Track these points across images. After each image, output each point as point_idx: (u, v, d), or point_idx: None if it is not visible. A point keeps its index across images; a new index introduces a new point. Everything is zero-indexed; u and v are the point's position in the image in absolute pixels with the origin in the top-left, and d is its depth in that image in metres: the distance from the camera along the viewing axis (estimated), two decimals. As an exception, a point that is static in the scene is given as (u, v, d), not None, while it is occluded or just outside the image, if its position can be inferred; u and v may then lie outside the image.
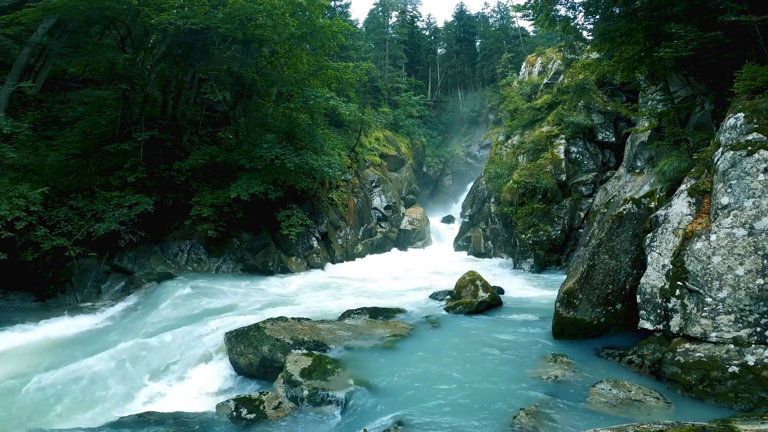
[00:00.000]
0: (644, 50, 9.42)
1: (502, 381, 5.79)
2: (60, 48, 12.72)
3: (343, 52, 27.36)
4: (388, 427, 4.68)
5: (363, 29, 40.55)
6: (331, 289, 12.82)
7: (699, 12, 8.16)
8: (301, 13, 15.67)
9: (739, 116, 6.31)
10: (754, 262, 5.40)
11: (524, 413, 4.80)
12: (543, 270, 15.79)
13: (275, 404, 5.53)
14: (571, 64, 20.45)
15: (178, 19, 12.73)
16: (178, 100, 16.08)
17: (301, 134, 16.42)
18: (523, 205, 17.10)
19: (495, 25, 47.17)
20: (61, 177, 12.36)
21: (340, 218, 19.36)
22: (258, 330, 7.26)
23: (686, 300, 5.92)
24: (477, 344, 7.26)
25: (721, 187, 6.02)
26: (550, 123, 18.78)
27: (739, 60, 7.48)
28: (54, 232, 11.22)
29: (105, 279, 12.50)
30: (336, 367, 6.19)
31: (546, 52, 24.66)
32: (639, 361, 6.08)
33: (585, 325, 7.15)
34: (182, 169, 14.02)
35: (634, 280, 7.13)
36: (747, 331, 5.31)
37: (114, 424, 5.28)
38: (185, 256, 14.06)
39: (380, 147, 27.24)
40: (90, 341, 8.56)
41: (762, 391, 4.88)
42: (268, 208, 15.15)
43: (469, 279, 10.35)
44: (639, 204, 7.73)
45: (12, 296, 11.28)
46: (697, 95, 9.74)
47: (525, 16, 12.61)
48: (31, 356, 7.63)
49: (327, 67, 17.61)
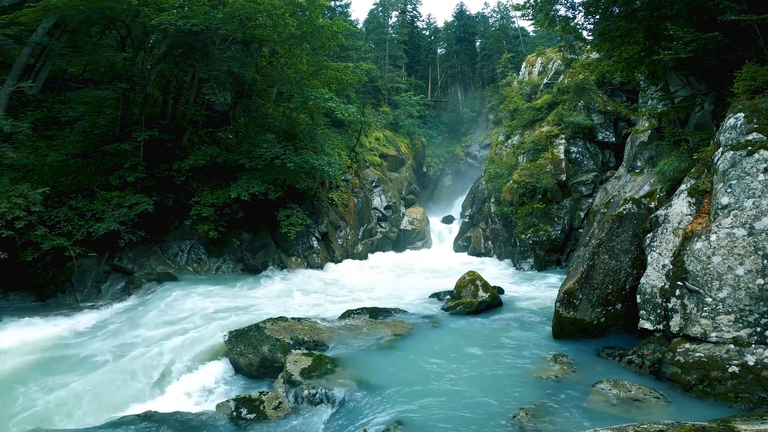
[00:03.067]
0: (644, 50, 9.41)
1: (502, 381, 5.80)
2: (60, 48, 12.72)
3: (343, 52, 27.36)
4: (388, 427, 4.68)
5: (363, 29, 40.51)
6: (331, 289, 12.82)
7: (699, 12, 8.16)
8: (301, 13, 15.66)
9: (739, 116, 6.31)
10: (754, 262, 5.40)
11: (524, 413, 4.80)
12: (543, 270, 15.79)
13: (275, 404, 5.54)
14: (571, 64, 20.46)
15: (178, 20, 12.73)
16: (178, 100, 16.08)
17: (301, 134, 16.42)
18: (523, 205, 17.10)
19: (495, 25, 47.12)
20: (61, 177, 12.36)
21: (340, 218, 19.36)
22: (258, 330, 7.26)
23: (686, 300, 5.92)
24: (477, 344, 7.26)
25: (721, 187, 6.02)
26: (550, 123, 18.78)
27: (739, 60, 7.48)
28: (54, 232, 11.22)
29: (105, 279, 12.50)
30: (336, 366, 6.19)
31: (546, 52, 24.65)
32: (639, 361, 6.08)
33: (585, 325, 7.15)
34: (182, 169, 14.02)
35: (634, 280, 7.13)
36: (747, 331, 5.31)
37: (114, 424, 5.28)
38: (185, 256, 14.07)
39: (380, 147, 27.21)
40: (90, 341, 8.57)
41: (762, 391, 4.89)
42: (268, 208, 15.15)
43: (469, 279, 10.35)
44: (639, 204, 7.73)
45: (12, 296, 11.28)
46: (697, 95, 9.74)
47: (525, 15, 12.61)
48: (30, 356, 7.62)
49: (327, 67, 17.61)
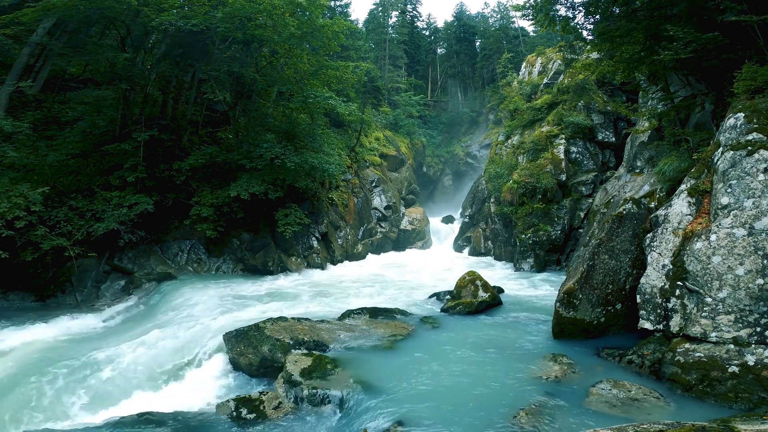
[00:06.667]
0: (644, 50, 9.39)
1: (502, 381, 5.79)
2: (60, 48, 12.73)
3: (343, 52, 27.34)
4: (388, 427, 4.68)
5: (363, 29, 40.53)
6: (330, 289, 12.81)
7: (699, 12, 8.16)
8: (301, 13, 15.66)
9: (739, 116, 6.30)
10: (754, 262, 5.40)
11: (524, 413, 4.80)
12: (543, 270, 15.78)
13: (275, 404, 5.53)
14: (571, 64, 20.42)
15: (178, 20, 12.73)
16: (178, 100, 16.08)
17: (301, 134, 16.42)
18: (523, 205, 17.09)
19: (495, 25, 47.15)
20: (61, 177, 12.36)
21: (340, 218, 19.35)
22: (258, 330, 7.26)
23: (686, 300, 5.92)
24: (477, 344, 7.26)
25: (721, 187, 6.02)
26: (550, 123, 18.77)
27: (739, 60, 7.47)
28: (54, 232, 11.23)
29: (105, 279, 12.50)
30: (336, 367, 6.19)
31: (546, 52, 24.64)
32: (639, 361, 6.08)
33: (585, 325, 7.15)
34: (182, 169, 14.02)
35: (634, 280, 7.13)
36: (747, 331, 5.31)
37: (114, 424, 5.28)
38: (185, 256, 14.07)
39: (380, 147, 27.21)
40: (90, 341, 8.58)
41: (762, 391, 4.88)
42: (268, 208, 15.15)
43: (469, 279, 10.34)
44: (639, 204, 7.73)
45: (12, 296, 11.29)
46: (697, 95, 9.74)
47: (525, 15, 12.60)
48: (30, 356, 7.62)
49: (327, 66, 17.61)
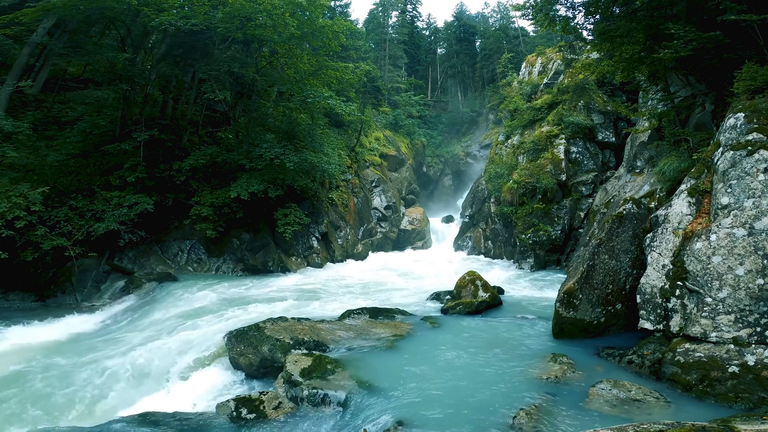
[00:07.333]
0: (644, 50, 9.40)
1: (502, 381, 5.79)
2: (60, 48, 12.73)
3: (343, 52, 27.34)
4: (388, 427, 4.68)
5: (363, 29, 40.53)
6: (330, 289, 12.80)
7: (699, 11, 8.16)
8: (301, 13, 15.66)
9: (739, 116, 6.30)
10: (754, 262, 5.40)
11: (524, 413, 4.80)
12: (543, 270, 15.79)
13: (275, 404, 5.53)
14: (571, 64, 20.44)
15: (178, 20, 12.74)
16: (178, 100, 16.09)
17: (301, 134, 16.43)
18: (523, 205, 17.10)
19: (495, 25, 47.18)
20: (61, 177, 12.37)
21: (340, 218, 19.36)
22: (258, 330, 7.25)
23: (686, 300, 5.91)
24: (477, 344, 7.25)
25: (721, 187, 6.02)
26: (550, 123, 18.78)
27: (739, 60, 7.47)
28: (54, 232, 11.23)
29: (105, 279, 12.50)
30: (336, 367, 6.18)
31: (546, 52, 24.64)
32: (639, 361, 6.07)
33: (585, 325, 7.15)
34: (182, 169, 14.02)
35: (634, 280, 7.12)
36: (747, 331, 5.31)
37: (114, 424, 5.28)
38: (185, 256, 14.07)
39: (380, 147, 27.21)
40: (90, 341, 8.57)
41: (762, 391, 4.88)
42: (267, 207, 15.15)
43: (469, 279, 10.34)
44: (639, 204, 7.72)
45: (12, 296, 11.29)
46: (697, 95, 9.74)
47: (525, 15, 12.62)
48: (30, 356, 7.62)
49: (327, 67, 17.62)
